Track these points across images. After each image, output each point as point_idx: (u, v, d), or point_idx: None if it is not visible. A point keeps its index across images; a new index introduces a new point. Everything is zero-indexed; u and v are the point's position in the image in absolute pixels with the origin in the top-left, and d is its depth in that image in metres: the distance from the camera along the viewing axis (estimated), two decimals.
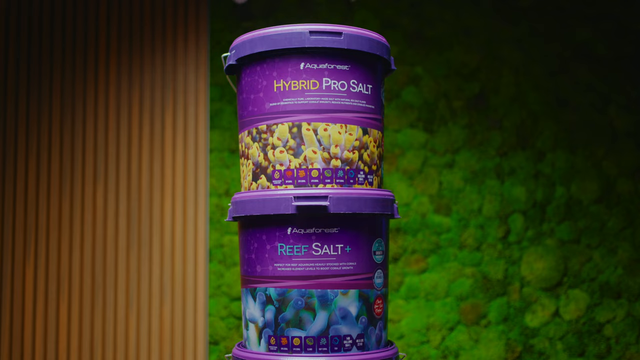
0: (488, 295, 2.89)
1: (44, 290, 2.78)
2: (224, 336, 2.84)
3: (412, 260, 2.90)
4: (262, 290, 1.53)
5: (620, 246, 2.93)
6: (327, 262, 1.50)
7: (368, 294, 1.54)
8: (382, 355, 1.54)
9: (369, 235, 1.55)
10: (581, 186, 2.95)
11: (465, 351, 2.87)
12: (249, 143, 1.59)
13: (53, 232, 2.80)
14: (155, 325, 2.79)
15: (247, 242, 1.58)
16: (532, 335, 2.88)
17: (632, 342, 2.90)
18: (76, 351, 2.77)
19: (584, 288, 2.91)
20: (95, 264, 2.80)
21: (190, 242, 2.83)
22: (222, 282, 2.86)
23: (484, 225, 2.92)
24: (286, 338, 1.50)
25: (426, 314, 2.87)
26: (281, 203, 1.50)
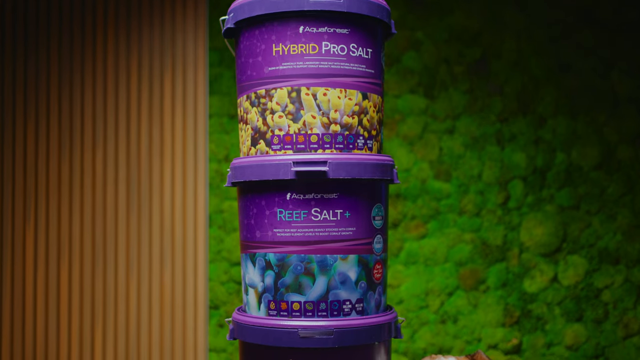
0: (487, 261, 2.90)
1: (45, 255, 2.79)
2: (224, 301, 2.86)
3: (412, 226, 2.90)
4: (262, 256, 1.54)
5: (620, 212, 2.93)
6: (327, 227, 1.50)
7: (367, 259, 1.54)
8: (381, 319, 1.54)
9: (369, 201, 1.54)
10: (582, 152, 2.94)
11: (464, 316, 2.89)
12: (247, 108, 1.58)
13: (53, 198, 2.80)
14: (155, 290, 2.80)
15: (246, 207, 1.58)
16: (531, 301, 2.90)
17: (630, 307, 2.92)
18: (77, 317, 2.79)
19: (582, 254, 2.92)
20: (96, 230, 2.80)
21: (190, 207, 2.83)
22: (222, 248, 2.87)
23: (484, 191, 2.92)
24: (286, 303, 1.51)
25: (425, 279, 2.89)
26: (280, 168, 1.49)
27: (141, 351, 2.79)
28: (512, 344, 2.89)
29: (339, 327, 1.48)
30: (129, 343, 2.79)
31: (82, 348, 2.78)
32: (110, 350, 2.78)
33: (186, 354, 2.80)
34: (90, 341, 2.78)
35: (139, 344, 2.79)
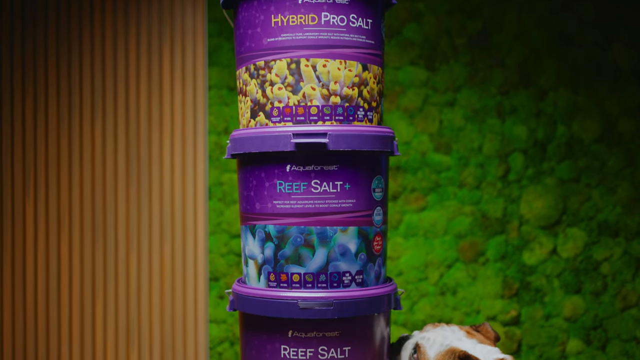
0: (487, 234, 2.91)
1: (45, 229, 2.80)
2: (224, 273, 2.87)
3: (412, 199, 2.90)
4: (262, 228, 1.54)
5: (620, 185, 2.93)
6: (327, 199, 1.50)
7: (367, 231, 1.54)
8: (380, 291, 1.55)
9: (369, 173, 1.54)
10: (582, 125, 2.93)
11: (463, 288, 2.90)
12: (246, 80, 1.57)
13: (52, 171, 2.80)
14: (155, 263, 2.81)
15: (245, 179, 1.58)
16: (530, 273, 2.91)
17: (629, 279, 2.93)
18: (78, 290, 2.80)
19: (582, 226, 2.93)
20: (95, 203, 2.81)
21: (190, 180, 2.83)
22: (221, 220, 2.87)
23: (484, 164, 2.92)
24: (285, 274, 1.52)
25: (425, 252, 2.90)
26: (280, 140, 1.49)
27: (142, 323, 2.81)
28: (511, 315, 2.91)
29: (339, 299, 1.48)
30: (129, 315, 2.81)
31: (83, 321, 2.80)
32: (111, 323, 2.80)
33: (186, 326, 2.82)
34: (91, 314, 2.80)
35: (139, 316, 2.81)
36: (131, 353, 2.80)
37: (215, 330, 2.87)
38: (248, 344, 1.58)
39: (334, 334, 1.50)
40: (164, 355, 2.81)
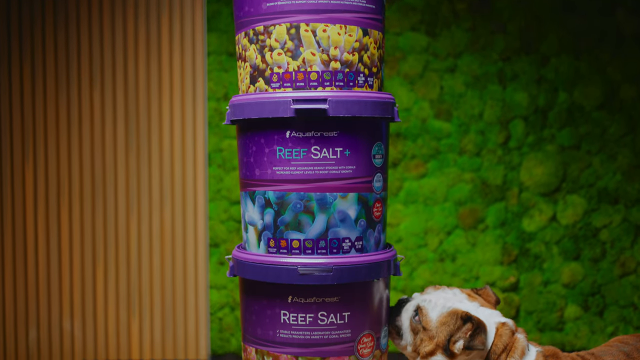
0: (486, 200, 2.91)
1: (44, 195, 2.80)
2: (224, 239, 2.88)
3: (412, 166, 2.90)
4: (261, 194, 1.54)
5: (621, 152, 2.92)
6: (326, 165, 1.49)
7: (367, 197, 1.54)
8: (380, 257, 1.55)
9: (369, 139, 1.53)
10: (584, 92, 2.92)
11: (462, 254, 2.91)
12: (246, 45, 1.55)
13: (51, 138, 2.79)
14: (155, 229, 2.82)
15: (245, 145, 1.57)
16: (529, 240, 2.92)
17: (627, 246, 2.94)
18: (78, 256, 2.81)
19: (582, 194, 2.93)
20: (95, 169, 2.80)
21: (189, 146, 2.82)
22: (221, 186, 2.87)
23: (485, 131, 2.91)
24: (285, 240, 1.52)
25: (424, 218, 2.90)
26: (280, 106, 1.48)
27: (142, 289, 2.82)
28: (510, 281, 2.92)
29: (338, 265, 1.49)
30: (130, 282, 2.82)
31: (84, 287, 2.81)
32: (112, 289, 2.82)
33: (187, 292, 2.83)
34: (92, 280, 2.81)
35: (140, 283, 2.82)
36: (132, 319, 2.82)
37: (215, 296, 2.89)
38: (248, 309, 1.59)
39: (334, 299, 1.51)
40: (164, 320, 2.83)
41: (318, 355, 1.51)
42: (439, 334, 1.48)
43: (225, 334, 2.90)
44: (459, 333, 1.46)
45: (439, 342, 1.48)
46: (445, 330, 1.47)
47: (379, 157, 1.56)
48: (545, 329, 2.94)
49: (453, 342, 1.46)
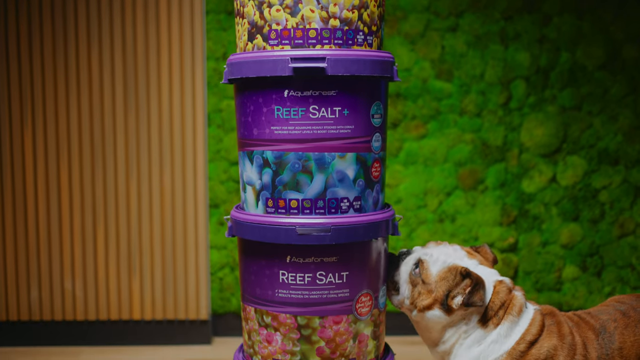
0: (486, 161, 2.90)
1: (44, 158, 2.79)
2: (224, 199, 2.88)
3: (412, 126, 2.88)
4: (259, 153, 1.53)
5: (622, 113, 2.90)
6: (325, 125, 1.48)
7: (365, 157, 1.53)
8: (378, 217, 1.55)
9: (368, 98, 1.52)
10: (586, 52, 2.89)
11: (462, 215, 2.92)
12: (244, 1, 1.53)
13: (49, 99, 2.77)
14: (155, 190, 2.82)
15: (243, 104, 1.56)
16: (528, 201, 2.92)
17: (626, 207, 2.94)
18: (79, 218, 2.81)
19: (582, 155, 2.92)
20: (94, 131, 2.79)
21: (188, 106, 2.80)
22: (221, 147, 2.86)
23: (486, 91, 2.88)
24: (283, 200, 1.52)
25: (424, 179, 2.90)
26: (277, 64, 1.46)
27: (143, 250, 2.83)
28: (509, 242, 2.93)
29: (337, 225, 1.49)
30: (130, 243, 2.83)
31: (85, 249, 2.82)
32: (113, 250, 2.83)
33: (187, 252, 2.84)
34: (92, 241, 2.82)
35: (140, 244, 2.83)
36: (133, 280, 2.84)
37: (215, 256, 2.90)
38: (247, 269, 1.59)
39: (332, 259, 1.51)
40: (165, 281, 2.85)
41: (316, 315, 1.52)
42: (438, 288, 1.49)
43: (225, 294, 2.92)
44: (457, 289, 1.47)
45: (437, 296, 1.49)
46: (444, 285, 1.48)
47: (377, 117, 1.55)
48: (543, 289, 2.96)
49: (451, 298, 1.47)
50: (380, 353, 1.66)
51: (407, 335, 2.88)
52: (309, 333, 1.53)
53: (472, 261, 1.55)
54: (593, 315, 1.56)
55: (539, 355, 1.43)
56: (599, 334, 1.49)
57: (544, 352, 1.43)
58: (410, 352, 2.66)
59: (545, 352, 1.43)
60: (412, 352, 2.67)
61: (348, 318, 1.54)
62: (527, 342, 1.45)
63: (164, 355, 2.77)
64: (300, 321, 1.52)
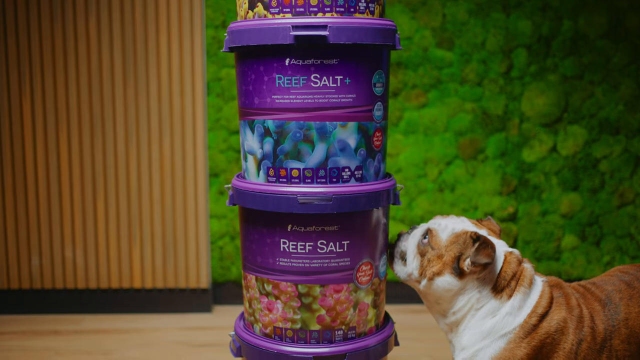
0: (487, 131, 2.89)
1: (43, 127, 2.78)
2: (224, 169, 2.88)
3: (412, 95, 2.87)
4: (260, 123, 1.52)
5: (624, 82, 2.89)
6: (326, 94, 1.47)
7: (367, 126, 1.53)
8: (380, 186, 1.55)
9: (369, 67, 1.51)
10: (589, 20, 2.86)
11: (462, 185, 2.92)
12: None
13: (47, 67, 2.75)
14: (155, 159, 2.81)
15: (244, 73, 1.55)
16: (528, 170, 2.92)
17: (626, 177, 2.94)
18: (79, 186, 2.81)
19: (583, 124, 2.91)
20: (93, 99, 2.78)
21: (188, 75, 2.78)
22: (220, 116, 2.85)
23: (487, 60, 2.87)
24: (285, 169, 1.51)
25: (424, 149, 2.89)
26: (279, 33, 1.45)
27: (143, 220, 2.84)
28: (508, 212, 2.94)
29: (338, 194, 1.49)
30: (130, 212, 2.83)
31: (85, 218, 2.83)
32: (113, 219, 2.83)
33: (187, 221, 2.85)
34: (92, 209, 2.83)
35: (140, 213, 2.84)
36: (133, 249, 2.85)
37: (215, 225, 2.91)
38: (248, 238, 1.60)
39: (333, 228, 1.52)
40: (165, 250, 2.86)
41: (317, 283, 1.53)
42: (448, 252, 1.46)
43: (225, 263, 2.94)
44: (468, 251, 1.44)
45: (447, 260, 1.46)
46: (454, 248, 1.46)
47: (379, 86, 1.54)
48: (542, 259, 2.97)
49: (463, 260, 1.45)
50: (380, 321, 1.67)
51: (407, 304, 2.90)
52: (310, 301, 1.54)
53: (481, 230, 1.53)
54: (598, 285, 1.55)
55: (549, 328, 1.43)
56: (605, 305, 1.49)
57: (554, 325, 1.43)
58: (410, 320, 2.68)
59: (555, 324, 1.43)
60: (412, 321, 2.69)
61: (348, 287, 1.55)
62: (539, 315, 1.44)
63: (165, 323, 2.79)
64: (301, 289, 1.53)
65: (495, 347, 1.44)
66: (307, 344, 1.55)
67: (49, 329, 2.72)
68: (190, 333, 2.68)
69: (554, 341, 1.42)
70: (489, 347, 1.44)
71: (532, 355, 1.42)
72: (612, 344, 1.45)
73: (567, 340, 1.43)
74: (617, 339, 1.45)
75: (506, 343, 1.43)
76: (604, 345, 1.45)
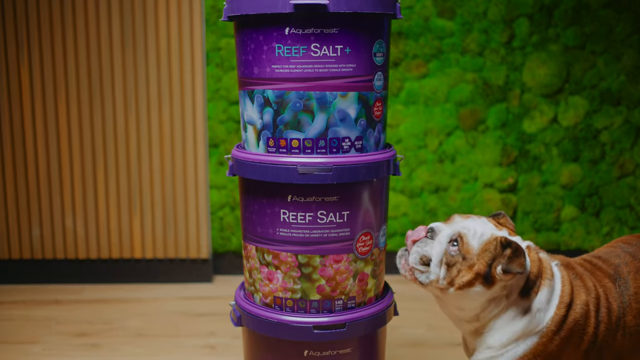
0: (488, 101, 2.88)
1: (41, 97, 2.76)
2: (224, 139, 2.87)
3: (413, 65, 2.85)
4: (260, 92, 1.51)
5: (626, 53, 2.87)
6: (326, 63, 1.46)
7: (367, 96, 1.52)
8: (380, 157, 1.55)
9: (370, 36, 1.50)
10: None
11: (462, 155, 2.91)
12: None
13: (45, 35, 2.73)
14: (154, 130, 2.80)
15: (243, 43, 1.54)
16: (529, 141, 2.91)
17: (627, 148, 2.94)
18: (78, 155, 2.81)
19: (584, 95, 2.90)
20: (91, 70, 2.76)
21: (187, 45, 2.76)
22: (220, 86, 2.84)
23: (488, 30, 2.84)
24: (285, 140, 1.51)
25: (425, 119, 2.88)
26: (278, 1, 1.43)
27: (143, 190, 2.84)
28: (508, 182, 2.94)
29: (338, 164, 1.49)
30: (130, 182, 2.83)
31: (85, 186, 2.83)
32: (113, 189, 2.83)
33: (187, 192, 2.85)
34: (92, 180, 2.82)
35: (140, 184, 2.83)
36: (134, 219, 2.86)
37: (215, 196, 2.91)
38: (248, 209, 1.60)
39: (333, 198, 1.52)
40: (166, 220, 2.86)
41: (317, 253, 1.53)
42: (480, 260, 1.37)
43: (225, 233, 2.94)
44: (499, 258, 1.37)
45: (479, 269, 1.37)
46: (486, 256, 1.37)
47: (380, 55, 1.53)
48: (541, 229, 2.98)
49: (494, 268, 1.37)
50: (379, 291, 1.68)
51: None
52: (310, 271, 1.54)
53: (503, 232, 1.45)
54: (604, 259, 1.52)
55: (576, 315, 1.40)
56: (615, 280, 1.46)
57: (579, 311, 1.40)
58: (409, 290, 2.70)
59: (579, 310, 1.40)
60: (411, 291, 2.70)
61: (348, 257, 1.56)
62: (566, 305, 1.40)
63: (165, 293, 2.80)
64: (301, 259, 1.54)
65: (529, 344, 1.40)
66: (307, 313, 1.56)
67: (49, 298, 2.74)
68: (190, 303, 2.70)
69: (580, 327, 1.39)
70: (521, 345, 1.40)
71: (562, 346, 1.38)
72: (625, 321, 1.43)
73: (590, 324, 1.40)
74: (629, 315, 1.43)
75: (539, 338, 1.39)
76: (618, 324, 1.42)
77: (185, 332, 2.42)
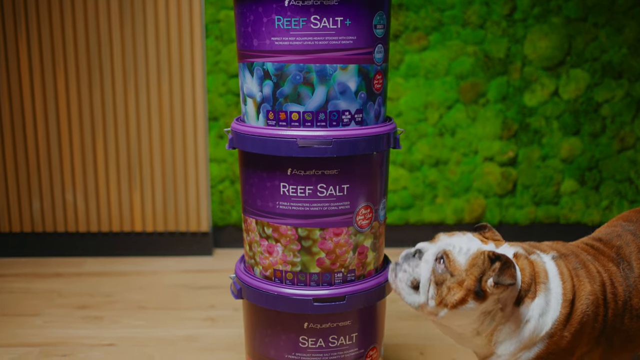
0: (488, 74, 2.87)
1: (40, 71, 2.75)
2: (223, 113, 2.86)
3: (413, 38, 2.83)
4: (260, 65, 1.50)
5: (628, 25, 2.85)
6: (326, 35, 1.45)
7: (368, 69, 1.51)
8: (380, 130, 1.54)
9: (370, 8, 1.48)
10: None
11: (462, 129, 2.91)
12: None
13: (43, 6, 2.71)
14: (154, 102, 2.79)
15: (242, 14, 1.52)
16: (529, 114, 2.91)
17: (628, 121, 2.93)
18: (77, 128, 2.80)
19: (585, 67, 2.88)
20: (90, 42, 2.74)
21: (185, 17, 2.74)
22: (219, 59, 2.82)
23: (489, 2, 2.82)
24: (284, 113, 1.50)
25: (425, 92, 2.87)
26: None
27: (143, 164, 2.84)
28: (508, 156, 2.94)
29: (338, 137, 1.48)
30: (130, 155, 2.83)
31: (85, 162, 2.82)
32: (113, 163, 2.83)
33: (187, 165, 2.85)
34: (92, 153, 2.82)
35: (140, 157, 2.83)
36: (134, 192, 2.86)
37: (215, 169, 2.91)
38: (247, 182, 1.60)
39: (333, 172, 1.51)
40: (166, 194, 2.86)
41: (317, 227, 1.54)
42: (469, 276, 1.35)
43: (225, 207, 2.95)
44: (489, 272, 1.35)
45: (469, 285, 1.35)
46: (475, 271, 1.35)
47: (380, 28, 1.52)
48: (541, 203, 2.98)
49: (484, 281, 1.35)
50: (379, 264, 1.69)
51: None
52: (310, 244, 1.55)
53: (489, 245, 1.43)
54: (605, 241, 1.50)
55: (584, 308, 1.38)
56: (619, 264, 1.44)
57: (585, 303, 1.38)
58: None
59: (585, 302, 1.38)
60: None
61: (348, 230, 1.56)
62: (569, 301, 1.38)
63: (166, 266, 2.82)
64: (300, 233, 1.54)
65: (540, 346, 1.38)
66: (307, 286, 1.57)
67: (51, 271, 2.75)
68: (191, 276, 2.71)
69: (589, 318, 1.38)
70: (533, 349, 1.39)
71: (575, 339, 1.38)
72: (631, 304, 1.42)
73: (599, 313, 1.39)
74: (635, 297, 1.42)
75: (549, 339, 1.38)
76: (625, 308, 1.41)
77: (186, 304, 2.43)
